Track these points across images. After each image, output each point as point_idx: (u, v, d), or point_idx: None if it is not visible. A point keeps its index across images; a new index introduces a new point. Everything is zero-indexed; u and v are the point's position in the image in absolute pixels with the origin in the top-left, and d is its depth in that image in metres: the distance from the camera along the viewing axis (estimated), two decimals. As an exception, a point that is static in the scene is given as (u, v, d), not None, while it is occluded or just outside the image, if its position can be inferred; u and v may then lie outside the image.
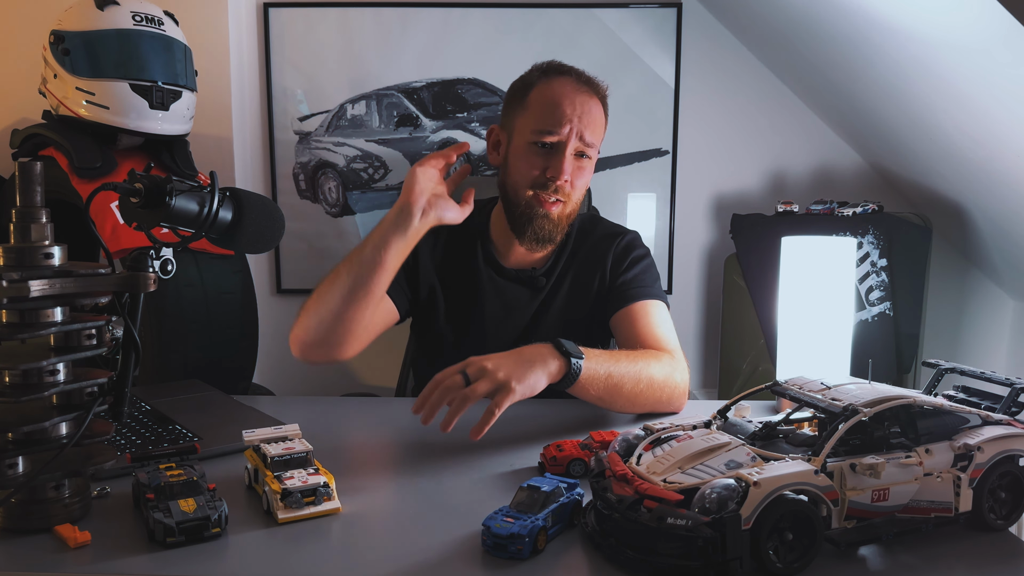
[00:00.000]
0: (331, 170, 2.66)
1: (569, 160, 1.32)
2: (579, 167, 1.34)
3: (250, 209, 0.97)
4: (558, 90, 1.34)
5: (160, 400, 1.27)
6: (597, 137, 1.36)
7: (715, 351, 2.68)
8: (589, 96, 1.35)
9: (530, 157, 1.33)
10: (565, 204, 1.35)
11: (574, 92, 1.34)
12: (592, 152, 1.35)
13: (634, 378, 1.18)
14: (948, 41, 1.60)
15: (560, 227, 1.37)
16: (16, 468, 0.80)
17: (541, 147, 1.33)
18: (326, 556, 0.77)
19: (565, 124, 1.31)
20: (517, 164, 1.36)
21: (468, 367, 1.06)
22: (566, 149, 1.31)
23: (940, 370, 0.99)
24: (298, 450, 0.89)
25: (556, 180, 1.31)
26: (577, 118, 1.31)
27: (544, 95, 1.34)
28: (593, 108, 1.35)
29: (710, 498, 0.69)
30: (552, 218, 1.34)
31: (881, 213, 2.34)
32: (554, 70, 1.38)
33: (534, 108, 1.34)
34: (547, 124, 1.31)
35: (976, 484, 0.79)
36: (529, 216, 1.35)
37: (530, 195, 1.34)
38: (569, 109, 1.31)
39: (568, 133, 1.31)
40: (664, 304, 1.40)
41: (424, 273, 1.43)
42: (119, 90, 1.72)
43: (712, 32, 2.59)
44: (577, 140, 1.32)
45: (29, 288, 0.74)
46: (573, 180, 1.34)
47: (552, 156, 1.32)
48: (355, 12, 2.57)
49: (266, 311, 2.55)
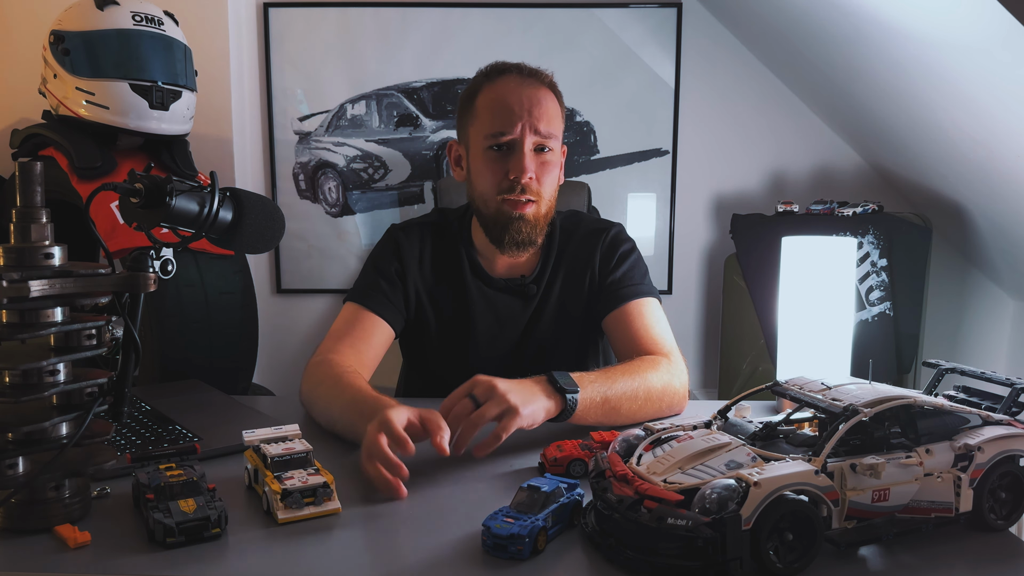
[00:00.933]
0: (331, 170, 2.66)
1: (529, 156, 1.28)
2: (542, 162, 1.30)
3: (250, 209, 0.97)
4: (503, 89, 1.31)
5: (160, 400, 1.26)
6: (554, 127, 1.31)
7: (715, 351, 2.67)
8: (536, 88, 1.31)
9: (490, 163, 1.30)
10: (538, 203, 1.31)
11: (519, 87, 1.30)
12: (552, 143, 1.31)
13: (631, 396, 1.16)
14: (948, 41, 1.60)
15: (539, 227, 1.33)
16: (16, 468, 0.80)
17: (498, 150, 1.29)
18: (326, 556, 0.77)
19: (516, 121, 1.27)
20: (479, 173, 1.32)
21: (475, 387, 1.03)
22: (524, 146, 1.28)
23: (940, 370, 0.99)
24: (298, 450, 0.89)
25: (520, 179, 1.28)
26: (527, 112, 1.28)
27: (491, 97, 1.31)
28: (543, 98, 1.31)
29: (710, 498, 0.69)
30: (528, 219, 1.30)
31: (881, 213, 2.34)
32: (496, 71, 1.34)
33: (483, 113, 1.31)
34: (498, 126, 1.28)
35: (976, 484, 0.79)
36: (503, 223, 1.31)
37: (499, 200, 1.30)
38: (517, 105, 1.28)
39: (521, 129, 1.27)
40: (656, 299, 1.37)
41: (412, 288, 1.39)
42: (119, 90, 1.72)
43: (712, 32, 2.59)
44: (533, 134, 1.28)
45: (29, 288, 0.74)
46: (539, 177, 1.30)
47: (511, 156, 1.28)
48: (355, 12, 2.57)
49: (266, 311, 2.55)
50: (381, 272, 1.38)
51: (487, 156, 1.31)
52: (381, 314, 1.33)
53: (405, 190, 2.66)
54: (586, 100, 2.61)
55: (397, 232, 1.44)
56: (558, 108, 1.34)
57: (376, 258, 1.42)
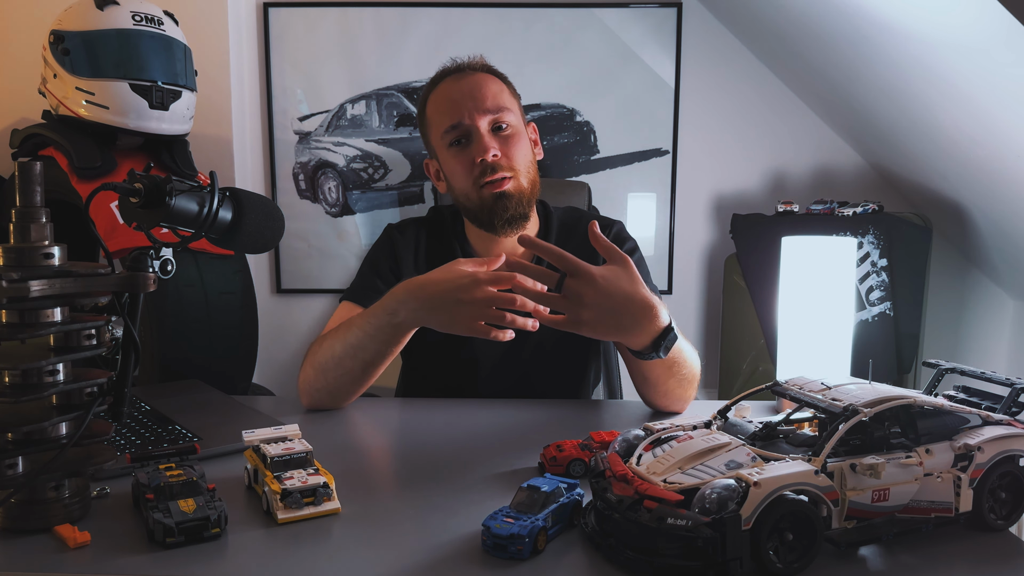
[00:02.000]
0: (331, 170, 2.66)
1: (488, 137, 1.30)
2: (504, 137, 1.32)
3: (250, 209, 0.97)
4: (443, 89, 1.35)
5: (160, 400, 1.26)
6: (502, 101, 1.33)
7: (715, 351, 2.68)
8: (471, 74, 1.35)
9: (455, 158, 1.33)
10: (515, 178, 1.31)
11: (456, 81, 1.34)
12: (507, 117, 1.32)
13: (688, 366, 1.17)
14: (948, 41, 1.60)
15: (524, 200, 1.32)
16: (16, 468, 0.80)
17: (459, 144, 1.32)
18: (326, 556, 0.77)
19: (462, 110, 1.30)
20: (452, 172, 1.35)
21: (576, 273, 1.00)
22: (479, 129, 1.30)
23: (940, 370, 0.99)
24: (298, 450, 0.89)
25: (486, 158, 1.29)
26: (470, 97, 1.31)
27: (435, 101, 1.36)
28: (482, 81, 1.33)
29: (710, 498, 0.69)
30: (510, 194, 1.30)
31: (881, 213, 2.34)
32: (435, 80, 1.39)
33: (434, 116, 1.35)
34: (448, 120, 1.31)
35: (976, 484, 0.79)
36: (488, 207, 1.31)
37: (478, 189, 1.31)
38: (459, 95, 1.32)
39: (470, 114, 1.30)
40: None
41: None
42: (119, 90, 1.72)
43: (712, 32, 2.59)
44: (483, 114, 1.30)
45: (29, 288, 0.74)
46: (506, 152, 1.31)
47: (472, 144, 1.31)
48: (355, 12, 2.57)
49: (266, 311, 2.55)
50: (377, 271, 1.39)
51: (451, 152, 1.33)
52: None
53: (405, 190, 2.66)
54: (586, 100, 2.61)
55: (393, 231, 1.45)
56: (501, 85, 1.37)
57: (372, 257, 1.43)
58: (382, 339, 1.17)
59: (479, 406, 1.30)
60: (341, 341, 1.20)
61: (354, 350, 1.19)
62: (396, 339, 1.18)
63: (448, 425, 1.20)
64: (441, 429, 1.18)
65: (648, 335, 1.06)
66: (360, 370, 1.20)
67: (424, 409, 1.31)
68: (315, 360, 1.23)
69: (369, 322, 1.18)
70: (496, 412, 1.26)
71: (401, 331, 1.17)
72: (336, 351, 1.20)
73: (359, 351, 1.18)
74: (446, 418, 1.24)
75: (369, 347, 1.18)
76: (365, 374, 1.21)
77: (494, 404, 1.31)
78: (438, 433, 1.15)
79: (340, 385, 1.22)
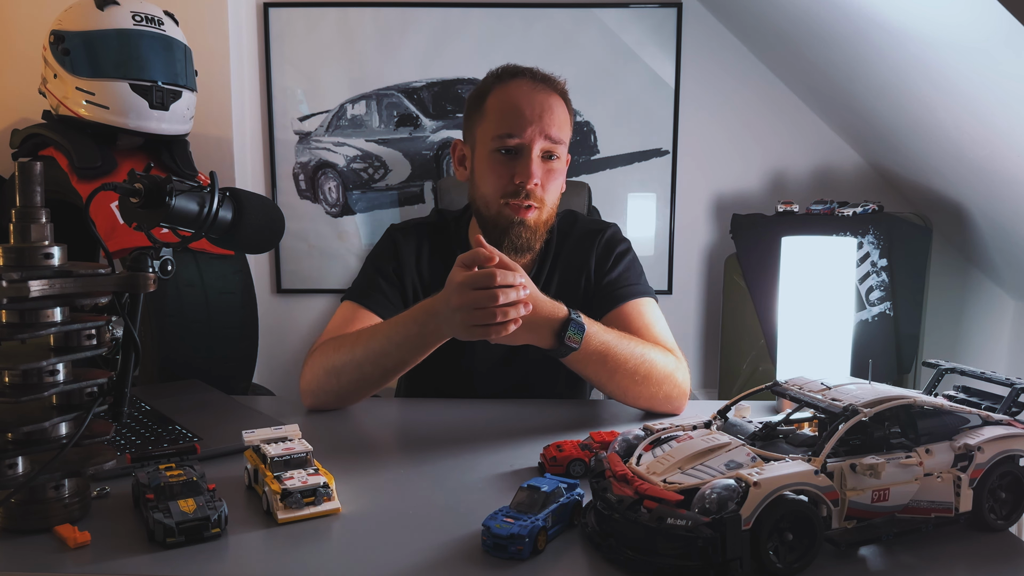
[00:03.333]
0: (331, 170, 2.66)
1: (537, 162, 1.28)
2: (548, 169, 1.30)
3: (250, 209, 0.97)
4: (515, 92, 1.30)
5: (160, 400, 1.26)
6: (564, 134, 1.31)
7: (715, 351, 2.67)
8: (548, 93, 1.31)
9: (496, 166, 1.29)
10: (540, 210, 1.30)
11: (532, 91, 1.30)
12: (560, 151, 1.31)
13: (633, 367, 1.17)
14: (948, 41, 1.60)
15: (538, 234, 1.32)
16: (16, 468, 0.80)
17: (505, 153, 1.29)
18: (326, 556, 0.77)
19: (527, 125, 1.27)
20: (484, 175, 1.32)
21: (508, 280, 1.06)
22: (532, 151, 1.27)
23: (940, 370, 0.99)
24: (298, 450, 0.89)
25: (526, 184, 1.27)
26: (538, 117, 1.27)
27: (501, 99, 1.30)
28: (555, 104, 1.30)
29: (710, 498, 0.69)
30: (529, 225, 1.30)
31: (881, 213, 2.34)
32: (508, 73, 1.33)
33: (493, 114, 1.30)
34: (508, 128, 1.27)
35: (976, 484, 0.79)
36: (504, 227, 1.30)
37: (502, 204, 1.29)
38: (528, 109, 1.27)
39: (531, 134, 1.27)
40: (654, 300, 1.37)
41: (410, 287, 1.39)
42: (119, 90, 1.72)
43: (712, 32, 2.59)
44: (542, 139, 1.28)
45: (29, 288, 0.74)
46: (544, 184, 1.29)
47: (518, 161, 1.28)
48: (355, 12, 2.57)
49: (266, 311, 2.55)
50: (380, 271, 1.39)
51: (493, 158, 1.30)
52: (379, 313, 1.33)
53: (405, 190, 2.66)
54: (586, 100, 2.61)
55: (395, 232, 1.44)
56: (567, 116, 1.34)
57: (374, 258, 1.42)
58: (408, 348, 1.17)
59: (479, 406, 1.30)
60: (363, 347, 1.20)
61: (376, 356, 1.19)
62: (423, 350, 1.18)
63: (448, 425, 1.20)
64: (441, 429, 1.18)
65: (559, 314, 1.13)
66: (379, 376, 1.20)
67: (424, 409, 1.31)
68: (327, 363, 1.22)
69: (398, 331, 1.18)
70: (496, 412, 1.26)
71: (429, 343, 1.17)
72: (356, 356, 1.20)
73: (382, 358, 1.18)
74: (446, 418, 1.24)
75: (393, 355, 1.18)
76: (383, 380, 1.22)
77: (494, 404, 1.31)
78: (438, 433, 1.15)
79: (353, 389, 1.22)
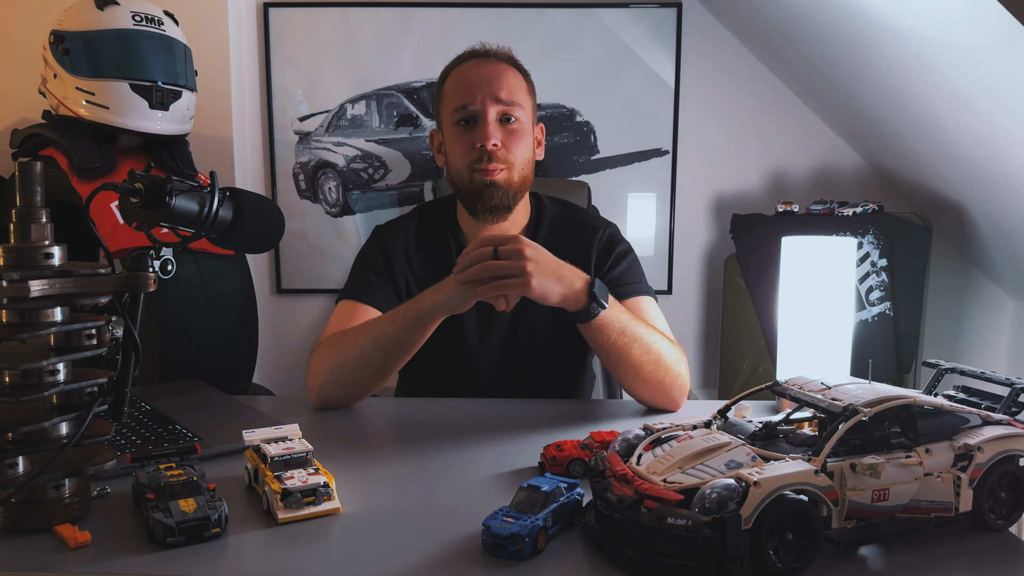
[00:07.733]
0: (331, 170, 2.66)
1: (493, 125, 1.33)
2: (509, 131, 1.35)
3: (250, 209, 0.97)
4: (465, 69, 1.38)
5: (160, 400, 1.26)
6: (517, 96, 1.36)
7: (715, 351, 2.67)
8: (495, 63, 1.38)
9: (458, 138, 1.36)
10: (509, 171, 1.34)
11: (479, 64, 1.37)
12: (517, 112, 1.35)
13: (646, 346, 1.21)
14: (948, 41, 1.60)
15: (511, 193, 1.36)
16: (16, 468, 0.80)
17: (464, 124, 1.35)
18: (326, 556, 0.77)
19: (476, 92, 1.33)
20: (452, 150, 1.38)
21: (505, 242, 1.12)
22: (487, 116, 1.33)
23: (940, 370, 0.99)
24: (298, 450, 0.89)
25: (486, 146, 1.32)
26: (487, 83, 1.34)
27: (455, 78, 1.39)
28: (503, 71, 1.36)
29: (710, 498, 0.69)
30: (499, 184, 1.34)
31: (881, 213, 2.34)
32: (460, 58, 1.41)
33: (449, 94, 1.38)
34: (461, 99, 1.34)
35: (976, 484, 0.79)
36: (476, 191, 1.35)
37: (471, 171, 1.35)
38: (477, 79, 1.35)
39: (482, 100, 1.33)
40: (654, 300, 1.39)
41: (402, 279, 1.41)
42: (119, 90, 1.72)
43: (712, 32, 2.59)
44: (495, 104, 1.33)
45: (29, 288, 0.74)
46: (507, 145, 1.34)
47: (476, 128, 1.34)
48: (355, 12, 2.57)
49: (266, 311, 2.55)
50: (370, 267, 1.41)
51: (455, 131, 1.37)
52: (376, 305, 1.35)
53: (405, 190, 2.66)
54: (586, 100, 2.61)
55: (381, 231, 1.48)
56: (520, 79, 1.39)
57: (363, 257, 1.45)
58: (408, 326, 1.22)
59: (479, 405, 1.31)
60: (366, 334, 1.24)
61: (378, 339, 1.23)
62: (422, 325, 1.22)
63: (448, 425, 1.20)
64: (441, 429, 1.18)
65: (582, 282, 1.17)
66: (381, 360, 1.23)
67: (424, 409, 1.31)
68: (332, 356, 1.25)
69: (398, 311, 1.23)
70: (496, 411, 1.26)
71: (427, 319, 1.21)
72: (359, 343, 1.24)
73: (383, 340, 1.23)
74: (446, 418, 1.24)
75: (393, 336, 1.22)
76: (386, 366, 1.24)
77: (494, 403, 1.31)
78: (438, 433, 1.15)
79: (358, 378, 1.24)
